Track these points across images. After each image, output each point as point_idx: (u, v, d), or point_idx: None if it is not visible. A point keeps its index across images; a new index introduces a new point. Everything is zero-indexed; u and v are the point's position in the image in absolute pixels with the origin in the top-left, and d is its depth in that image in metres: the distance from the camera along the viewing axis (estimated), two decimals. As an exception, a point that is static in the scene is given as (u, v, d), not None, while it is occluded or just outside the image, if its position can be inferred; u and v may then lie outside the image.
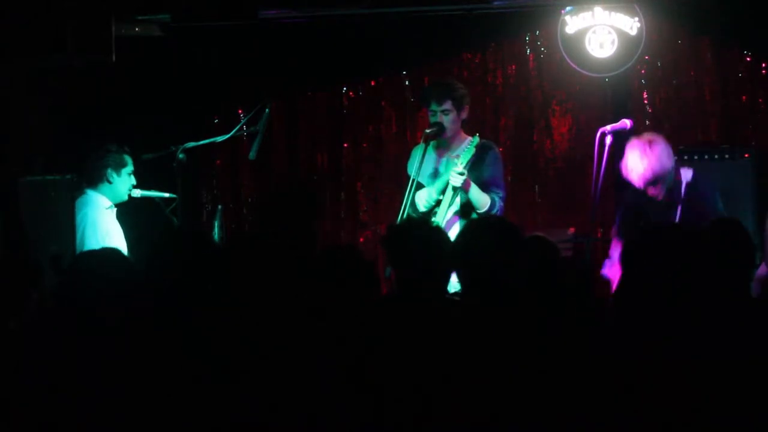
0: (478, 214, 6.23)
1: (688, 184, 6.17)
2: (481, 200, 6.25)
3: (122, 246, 6.43)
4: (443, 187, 6.31)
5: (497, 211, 6.30)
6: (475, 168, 6.34)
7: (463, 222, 6.16)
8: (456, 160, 6.22)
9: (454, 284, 4.12)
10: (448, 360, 3.38)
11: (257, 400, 3.29)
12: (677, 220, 5.98)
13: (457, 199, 6.29)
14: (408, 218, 6.06)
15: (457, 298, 4.05)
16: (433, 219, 6.25)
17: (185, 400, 3.26)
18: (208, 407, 3.26)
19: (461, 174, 6.15)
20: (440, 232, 4.17)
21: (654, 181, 6.16)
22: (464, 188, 6.20)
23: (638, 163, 6.15)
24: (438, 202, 6.34)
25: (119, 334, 3.38)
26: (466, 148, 6.29)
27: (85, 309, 3.47)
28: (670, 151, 6.23)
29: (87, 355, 3.33)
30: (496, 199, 6.32)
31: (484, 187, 6.30)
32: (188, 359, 3.31)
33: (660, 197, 6.22)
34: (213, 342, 3.37)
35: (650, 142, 6.20)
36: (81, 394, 3.27)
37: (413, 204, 6.37)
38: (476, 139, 6.27)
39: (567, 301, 3.64)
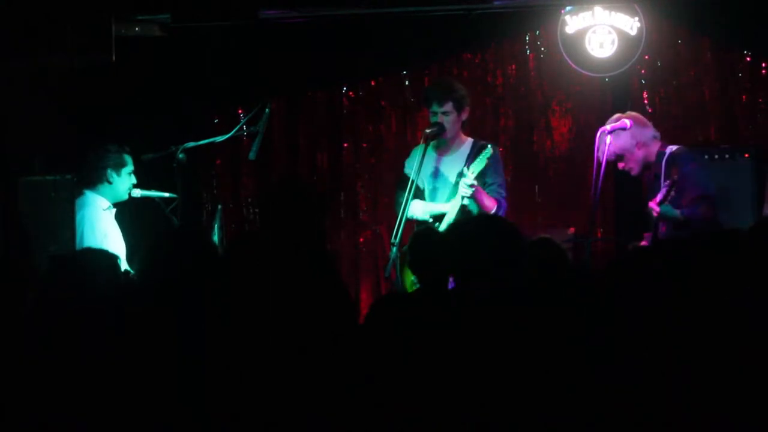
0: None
1: (668, 156, 6.24)
2: (489, 205, 6.24)
3: (121, 247, 6.43)
4: (438, 214, 6.33)
5: (503, 212, 6.30)
6: (470, 166, 6.35)
7: None
8: (466, 171, 6.20)
9: None
10: (453, 360, 3.38)
11: (258, 400, 3.29)
12: (660, 194, 6.03)
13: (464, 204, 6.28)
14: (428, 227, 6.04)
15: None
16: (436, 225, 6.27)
17: (183, 400, 3.26)
18: (207, 408, 3.26)
19: (471, 186, 6.14)
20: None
21: (616, 158, 6.35)
22: (474, 197, 6.18)
23: (602, 142, 6.31)
24: (434, 218, 6.36)
25: (116, 334, 3.38)
26: (477, 158, 6.24)
27: (82, 309, 3.48)
28: (634, 131, 6.31)
29: (84, 355, 3.33)
30: (501, 200, 6.32)
31: (487, 190, 6.30)
32: (187, 359, 3.31)
33: (634, 172, 6.40)
34: (212, 341, 3.37)
35: (614, 122, 6.36)
36: (78, 393, 3.27)
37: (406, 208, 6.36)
38: (488, 151, 6.22)
39: (569, 302, 3.63)
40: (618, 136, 6.31)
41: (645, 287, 3.30)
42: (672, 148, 6.34)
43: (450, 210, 6.28)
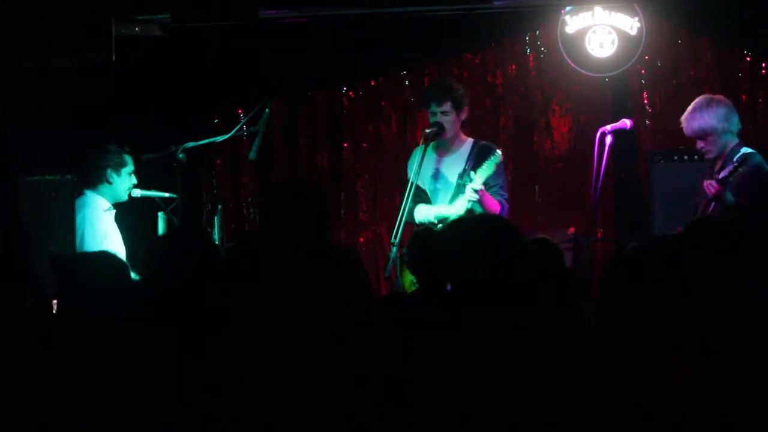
0: None
1: (742, 155, 6.14)
2: (494, 207, 6.25)
3: (120, 247, 6.43)
4: (443, 218, 6.32)
5: (505, 213, 6.29)
6: (477, 170, 6.35)
7: None
8: (473, 176, 6.19)
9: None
10: (453, 360, 3.38)
11: (257, 401, 3.29)
12: (726, 171, 5.95)
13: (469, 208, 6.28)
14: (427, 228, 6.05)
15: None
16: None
17: (183, 402, 3.26)
18: (207, 410, 3.26)
19: (477, 191, 6.14)
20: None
21: (697, 134, 6.21)
22: (480, 201, 6.17)
23: (688, 113, 6.23)
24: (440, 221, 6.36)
25: (117, 335, 3.38)
26: (485, 163, 6.23)
27: (83, 310, 3.48)
28: (728, 115, 6.20)
29: (84, 356, 3.33)
30: (503, 202, 6.32)
31: (490, 192, 6.30)
32: (187, 360, 3.31)
33: (710, 155, 6.24)
34: (213, 342, 3.37)
35: (708, 101, 6.25)
36: (78, 394, 3.27)
37: (410, 212, 6.35)
38: (497, 158, 6.22)
39: (566, 303, 3.63)
40: (710, 115, 6.19)
41: (645, 287, 3.30)
42: (747, 148, 6.25)
43: (455, 212, 6.28)
